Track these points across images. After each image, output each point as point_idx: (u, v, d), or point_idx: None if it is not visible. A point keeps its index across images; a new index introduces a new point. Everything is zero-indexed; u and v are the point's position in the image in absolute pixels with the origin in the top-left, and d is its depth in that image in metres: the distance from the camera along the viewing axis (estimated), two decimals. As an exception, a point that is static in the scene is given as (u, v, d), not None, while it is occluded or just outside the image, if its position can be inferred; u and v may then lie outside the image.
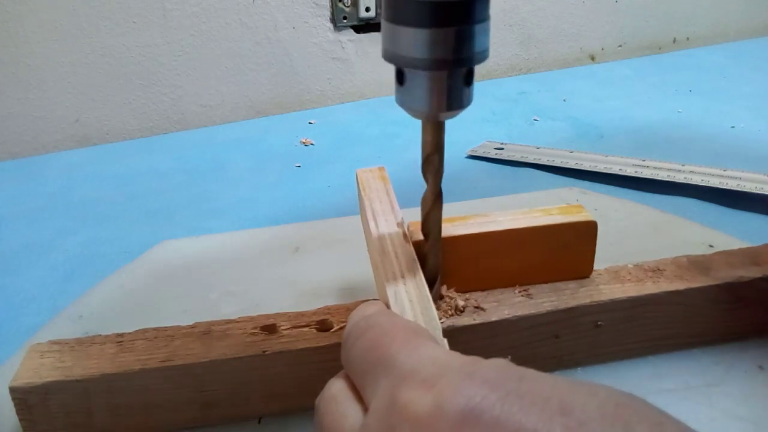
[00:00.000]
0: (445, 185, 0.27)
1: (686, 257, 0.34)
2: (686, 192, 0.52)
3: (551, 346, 0.31)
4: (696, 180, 0.52)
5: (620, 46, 0.95)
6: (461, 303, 0.30)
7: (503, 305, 0.30)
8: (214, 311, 0.37)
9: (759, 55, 0.94)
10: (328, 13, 0.75)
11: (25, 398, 0.27)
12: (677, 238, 0.43)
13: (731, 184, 0.51)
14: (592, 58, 0.94)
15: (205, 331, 0.29)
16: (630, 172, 0.55)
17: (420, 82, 0.24)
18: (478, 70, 0.25)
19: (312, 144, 0.67)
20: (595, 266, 0.33)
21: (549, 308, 0.30)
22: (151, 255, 0.44)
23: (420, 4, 0.23)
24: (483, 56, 0.24)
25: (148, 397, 0.28)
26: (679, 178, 0.53)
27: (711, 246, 0.42)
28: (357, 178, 0.35)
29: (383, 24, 0.24)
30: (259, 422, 0.29)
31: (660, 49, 0.98)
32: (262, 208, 0.54)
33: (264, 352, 0.28)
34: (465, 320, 0.29)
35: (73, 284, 0.43)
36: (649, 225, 0.45)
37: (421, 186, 0.27)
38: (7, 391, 0.27)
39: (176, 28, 0.69)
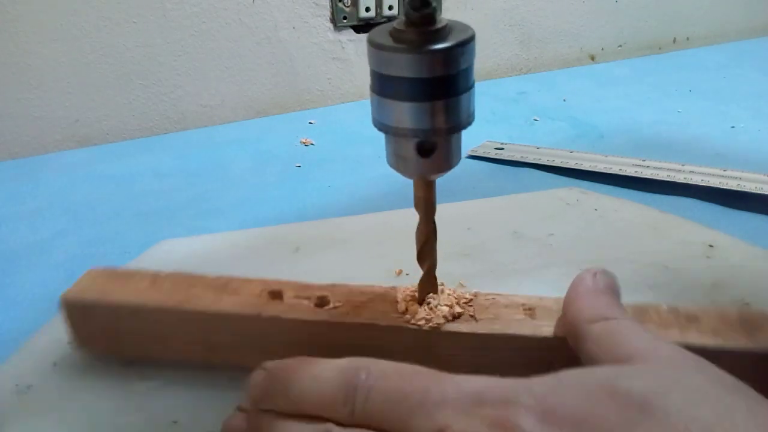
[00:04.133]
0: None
1: (738, 310, 0.29)
2: (686, 192, 0.52)
3: (542, 373, 0.27)
4: (696, 180, 0.52)
5: (620, 46, 0.95)
6: (458, 310, 0.30)
7: (499, 320, 0.29)
8: (214, 311, 0.37)
9: (759, 55, 0.94)
10: (328, 13, 0.75)
11: (70, 310, 0.32)
12: (677, 238, 0.43)
13: (731, 184, 0.51)
14: (592, 58, 0.94)
15: (222, 285, 0.32)
16: (630, 172, 0.55)
17: (406, 147, 0.26)
18: (479, 70, 0.25)
19: (312, 144, 0.67)
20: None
21: (546, 334, 0.28)
22: (150, 255, 0.44)
23: (401, 81, 0.24)
24: (468, 122, 0.26)
25: (163, 330, 0.31)
26: (679, 178, 0.53)
27: (711, 246, 0.42)
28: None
29: (371, 94, 0.26)
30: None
31: (660, 49, 0.98)
32: (262, 208, 0.54)
33: (259, 314, 0.30)
34: (451, 326, 0.29)
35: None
36: (649, 225, 0.45)
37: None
38: (8, 391, 0.28)
39: (176, 28, 0.69)
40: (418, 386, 0.22)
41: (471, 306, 0.30)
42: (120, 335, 0.32)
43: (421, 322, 0.29)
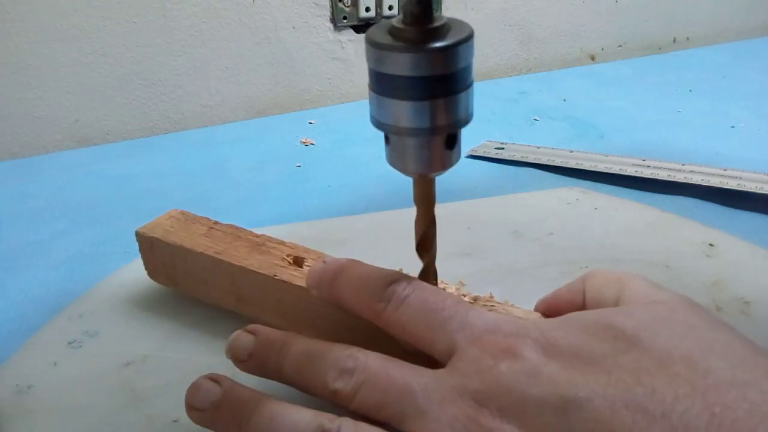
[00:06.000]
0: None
1: None
2: (686, 192, 0.52)
3: None
4: (696, 180, 0.52)
5: (620, 46, 0.95)
6: None
7: None
8: (215, 309, 0.37)
9: (759, 55, 0.94)
10: (328, 13, 0.75)
11: (141, 242, 0.37)
12: (677, 238, 0.43)
13: (731, 184, 0.51)
14: (592, 58, 0.94)
15: (259, 243, 0.35)
16: (630, 172, 0.55)
17: (405, 146, 0.26)
18: (478, 70, 0.26)
19: (312, 144, 0.67)
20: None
21: None
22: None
23: (400, 79, 0.24)
24: (466, 121, 0.26)
25: (205, 275, 0.35)
26: (679, 177, 0.53)
27: (711, 245, 0.42)
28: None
29: (369, 92, 0.26)
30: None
31: (660, 49, 0.98)
32: (262, 208, 0.54)
33: (274, 276, 0.32)
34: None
35: (73, 284, 0.43)
36: (649, 225, 0.45)
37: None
38: (8, 391, 0.28)
39: (176, 28, 0.69)
40: (448, 307, 0.25)
41: None
42: (176, 272, 0.36)
43: None
